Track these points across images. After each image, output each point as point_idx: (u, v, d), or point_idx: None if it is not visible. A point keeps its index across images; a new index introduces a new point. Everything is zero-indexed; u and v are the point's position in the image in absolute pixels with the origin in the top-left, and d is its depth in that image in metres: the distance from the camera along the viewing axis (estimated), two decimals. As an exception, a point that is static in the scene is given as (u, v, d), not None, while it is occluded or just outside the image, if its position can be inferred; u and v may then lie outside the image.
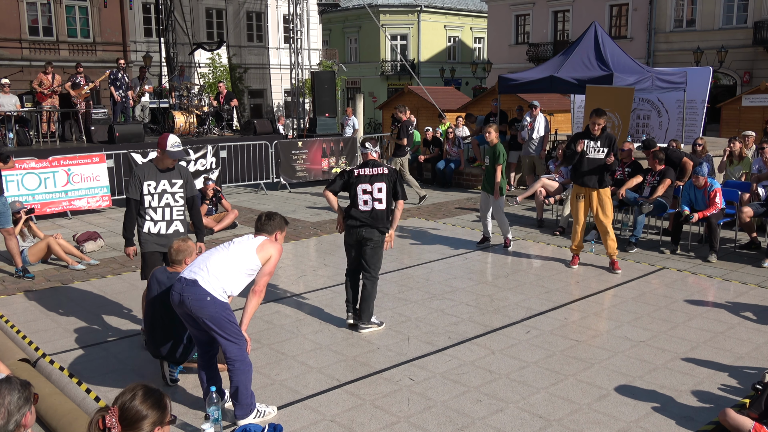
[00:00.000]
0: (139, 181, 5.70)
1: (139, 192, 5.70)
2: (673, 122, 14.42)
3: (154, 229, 5.81)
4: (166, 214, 5.82)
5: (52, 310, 6.90)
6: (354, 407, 4.72)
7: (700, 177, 8.71)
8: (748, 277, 7.86)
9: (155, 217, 5.79)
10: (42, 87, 14.92)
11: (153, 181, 5.74)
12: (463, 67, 45.78)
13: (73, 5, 27.49)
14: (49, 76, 15.03)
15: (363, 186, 6.19)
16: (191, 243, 5.32)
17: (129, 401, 2.73)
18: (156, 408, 2.77)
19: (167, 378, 5.10)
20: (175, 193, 5.84)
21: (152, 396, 2.78)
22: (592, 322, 6.36)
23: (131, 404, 2.73)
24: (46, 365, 5.44)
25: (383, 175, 6.23)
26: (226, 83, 20.83)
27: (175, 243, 5.22)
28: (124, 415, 2.71)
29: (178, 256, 5.16)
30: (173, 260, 5.16)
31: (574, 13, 34.19)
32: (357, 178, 6.23)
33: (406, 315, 6.61)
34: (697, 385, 5.01)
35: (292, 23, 18.93)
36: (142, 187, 5.70)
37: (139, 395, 2.76)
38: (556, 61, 13.47)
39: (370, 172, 6.25)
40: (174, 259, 5.16)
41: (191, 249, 5.21)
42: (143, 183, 5.70)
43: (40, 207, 11.28)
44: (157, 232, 5.81)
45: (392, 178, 6.29)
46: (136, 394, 2.76)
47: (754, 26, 28.19)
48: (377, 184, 6.20)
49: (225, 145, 14.58)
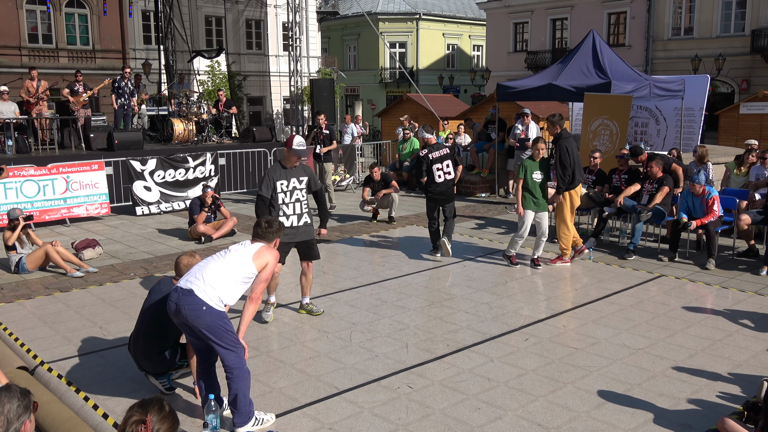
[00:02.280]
0: (272, 181, 6.37)
1: (272, 190, 6.37)
2: (671, 130, 14.44)
3: (287, 223, 6.39)
4: (297, 209, 6.48)
5: (51, 317, 6.90)
6: (352, 415, 4.72)
7: (697, 185, 8.73)
8: (747, 284, 7.87)
9: (288, 212, 6.43)
10: (29, 95, 14.82)
11: (284, 180, 6.42)
12: (461, 75, 45.90)
13: (72, 13, 27.58)
14: (34, 82, 14.92)
15: (437, 165, 8.71)
16: (198, 258, 5.31)
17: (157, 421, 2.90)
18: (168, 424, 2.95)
19: (160, 389, 5.12)
20: (303, 189, 6.53)
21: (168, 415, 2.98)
22: (590, 330, 6.37)
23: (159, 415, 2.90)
24: (44, 373, 5.44)
25: (447, 154, 8.77)
26: (225, 91, 20.88)
27: (184, 258, 5.20)
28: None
29: (186, 271, 5.13)
30: (181, 274, 5.14)
31: (572, 21, 34.30)
32: (431, 161, 8.68)
33: (404, 323, 6.62)
34: (696, 393, 5.01)
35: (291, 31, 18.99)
36: (276, 186, 6.38)
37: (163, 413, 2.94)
38: (554, 68, 13.51)
39: (438, 154, 8.74)
40: (182, 274, 5.13)
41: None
42: (276, 182, 6.38)
43: (39, 214, 11.28)
44: (290, 225, 6.41)
45: (452, 152, 8.86)
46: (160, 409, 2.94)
47: (752, 34, 28.29)
48: (446, 162, 8.72)
49: (224, 152, 14.61)
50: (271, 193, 6.36)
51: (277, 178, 6.39)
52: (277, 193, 6.38)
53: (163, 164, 13.00)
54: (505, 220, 11.79)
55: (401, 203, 13.03)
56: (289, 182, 6.42)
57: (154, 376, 5.13)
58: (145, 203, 12.80)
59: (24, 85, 15.05)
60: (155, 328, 4.98)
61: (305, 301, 6.89)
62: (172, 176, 13.15)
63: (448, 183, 8.79)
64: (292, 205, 6.45)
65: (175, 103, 17.32)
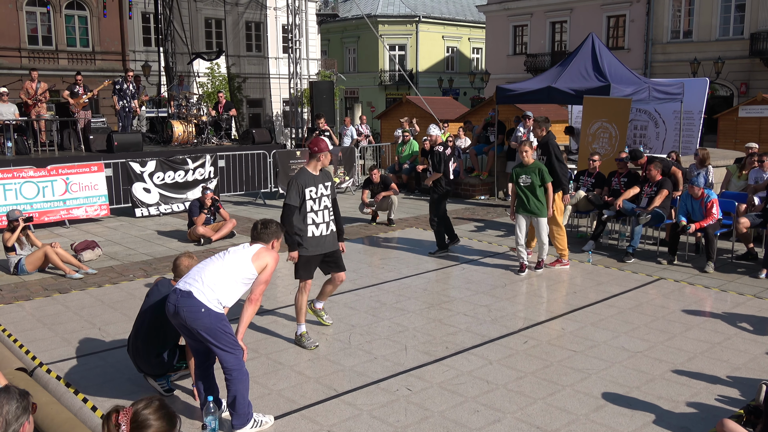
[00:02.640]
0: (301, 189, 5.87)
1: (301, 199, 5.87)
2: (670, 133, 14.46)
3: (317, 232, 6.00)
4: (325, 217, 6.05)
5: (50, 319, 6.90)
6: (351, 417, 4.72)
7: (696, 188, 8.74)
8: (745, 287, 7.87)
9: (317, 220, 5.99)
10: (28, 96, 14.82)
11: (313, 186, 5.92)
12: (461, 78, 45.94)
13: (72, 15, 27.61)
14: (34, 84, 14.94)
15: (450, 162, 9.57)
16: (197, 259, 5.32)
17: (143, 408, 2.87)
18: (164, 421, 2.88)
19: (158, 390, 5.12)
20: (328, 195, 6.08)
21: (166, 411, 2.91)
22: (589, 333, 6.37)
23: (144, 411, 2.86)
24: (43, 374, 5.44)
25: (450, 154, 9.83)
26: (225, 93, 20.89)
27: (184, 260, 5.22)
28: (134, 418, 2.83)
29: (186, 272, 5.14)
30: (181, 275, 5.15)
31: (571, 24, 34.34)
32: (447, 156, 9.42)
33: (403, 325, 6.62)
34: (694, 396, 5.01)
35: (291, 33, 19.00)
36: (304, 193, 5.88)
37: (154, 406, 2.89)
38: (553, 71, 13.53)
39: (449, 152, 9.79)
40: (182, 275, 5.15)
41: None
42: (305, 190, 5.88)
43: (38, 216, 11.27)
44: (319, 235, 5.99)
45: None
46: (151, 403, 2.90)
47: (751, 38, 28.32)
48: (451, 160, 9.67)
49: (223, 154, 14.62)
50: (300, 202, 5.91)
51: (306, 184, 5.88)
52: (305, 201, 5.89)
53: (162, 166, 13.00)
54: (504, 223, 11.78)
55: (400, 206, 13.03)
56: (318, 189, 5.94)
57: (153, 377, 5.13)
58: (144, 205, 12.80)
59: (24, 87, 15.06)
60: (154, 330, 4.98)
61: (318, 306, 6.60)
62: (172, 178, 13.15)
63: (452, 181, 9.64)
64: (321, 213, 5.99)
65: (175, 105, 17.34)
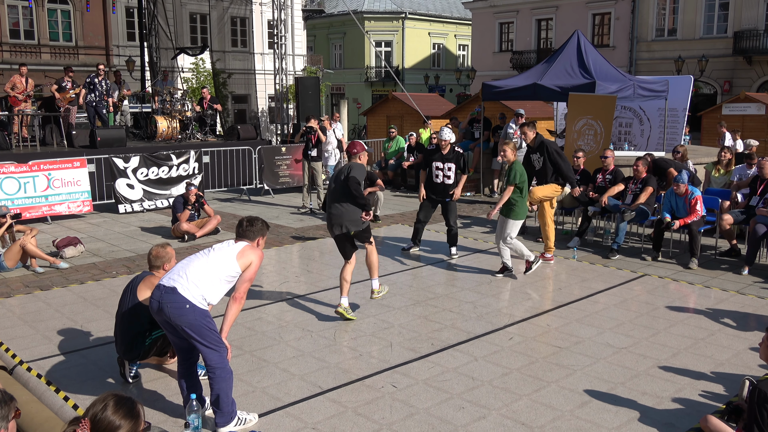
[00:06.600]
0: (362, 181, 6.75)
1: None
2: (654, 130, 14.54)
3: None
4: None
5: (31, 316, 6.81)
6: (336, 414, 4.69)
7: (681, 185, 8.78)
8: (728, 283, 7.93)
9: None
10: (15, 91, 14.60)
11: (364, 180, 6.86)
12: (447, 74, 45.94)
13: (55, 9, 27.30)
14: (23, 79, 14.74)
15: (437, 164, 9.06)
16: (170, 249, 5.36)
17: (101, 412, 2.68)
18: (129, 417, 2.72)
19: (126, 376, 5.14)
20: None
21: (124, 405, 2.73)
22: (574, 329, 6.38)
23: (103, 415, 2.67)
24: (23, 373, 5.36)
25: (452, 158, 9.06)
26: (210, 88, 20.74)
27: (154, 249, 5.35)
28: (96, 427, 2.65)
29: (156, 262, 5.28)
30: (152, 265, 5.26)
31: (557, 21, 34.45)
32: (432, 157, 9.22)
33: (389, 321, 6.60)
34: (679, 392, 5.03)
35: (277, 29, 18.91)
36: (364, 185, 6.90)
37: (111, 405, 2.70)
38: (539, 68, 13.55)
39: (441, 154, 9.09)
40: (153, 264, 5.26)
41: (170, 255, 5.31)
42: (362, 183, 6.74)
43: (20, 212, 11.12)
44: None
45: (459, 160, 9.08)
46: (107, 404, 2.70)
47: (734, 36, 28.55)
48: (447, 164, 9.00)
49: (208, 150, 14.52)
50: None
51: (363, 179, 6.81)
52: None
53: (146, 162, 12.88)
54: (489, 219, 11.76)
55: (386, 202, 13.01)
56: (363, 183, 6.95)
57: (128, 361, 5.14)
58: (127, 201, 12.68)
59: (11, 80, 14.79)
60: (130, 314, 5.10)
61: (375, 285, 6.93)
62: (156, 174, 13.03)
63: (444, 185, 9.00)
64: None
65: (159, 101, 17.18)
